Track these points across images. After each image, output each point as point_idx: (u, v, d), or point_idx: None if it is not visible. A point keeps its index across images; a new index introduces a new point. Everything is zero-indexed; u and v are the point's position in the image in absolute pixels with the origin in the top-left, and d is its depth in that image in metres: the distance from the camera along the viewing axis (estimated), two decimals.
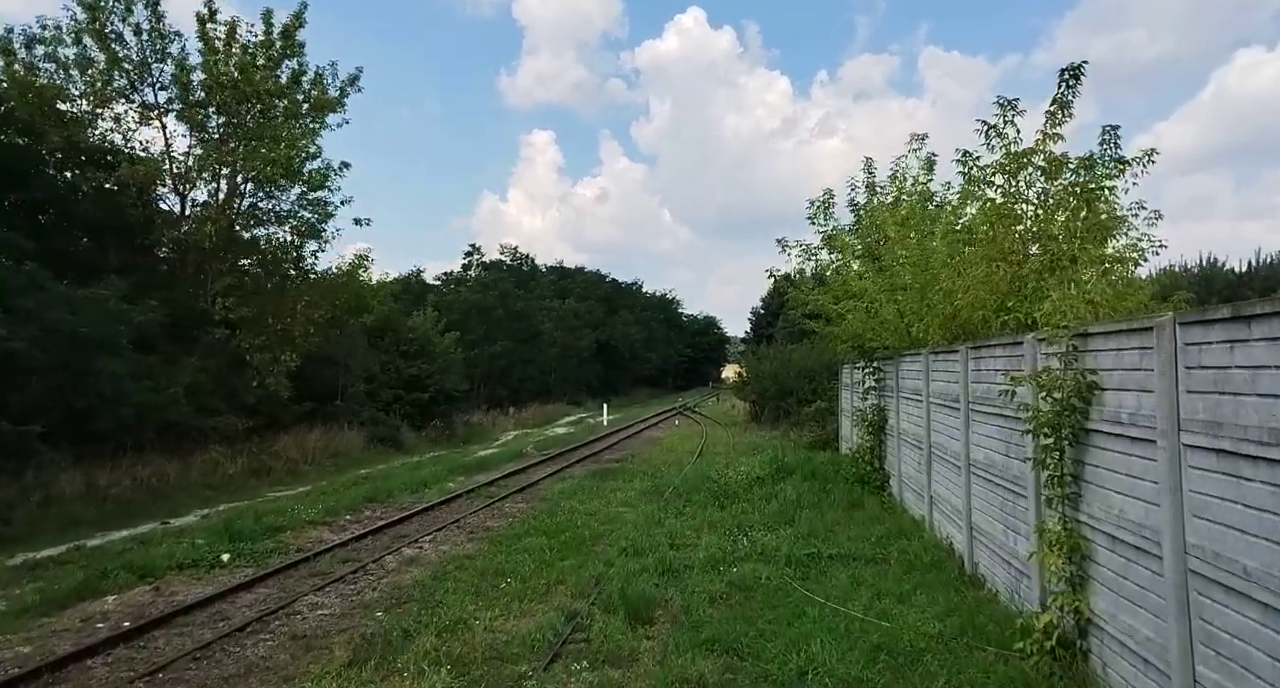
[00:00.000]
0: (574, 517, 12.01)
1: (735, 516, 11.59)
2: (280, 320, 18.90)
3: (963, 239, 8.95)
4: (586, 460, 21.37)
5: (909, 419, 11.08)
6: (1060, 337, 5.05)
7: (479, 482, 17.34)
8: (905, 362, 11.21)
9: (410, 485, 16.49)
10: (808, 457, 17.35)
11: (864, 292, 11.82)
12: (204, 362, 17.33)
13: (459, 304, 42.50)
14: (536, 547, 9.95)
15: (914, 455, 10.81)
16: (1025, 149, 7.19)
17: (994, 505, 7.01)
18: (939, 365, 9.12)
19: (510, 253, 64.98)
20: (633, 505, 13.01)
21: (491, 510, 13.32)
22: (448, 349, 32.97)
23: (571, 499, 14.03)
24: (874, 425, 13.35)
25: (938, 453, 9.33)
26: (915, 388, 10.47)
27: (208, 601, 7.82)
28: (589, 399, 52.80)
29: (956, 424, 8.25)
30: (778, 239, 16.68)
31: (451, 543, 10.67)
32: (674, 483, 15.23)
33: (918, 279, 10.67)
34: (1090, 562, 4.95)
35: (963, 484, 7.98)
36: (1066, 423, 5.02)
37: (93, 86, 17.40)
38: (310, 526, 11.85)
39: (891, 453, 12.54)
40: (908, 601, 7.01)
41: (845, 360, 18.18)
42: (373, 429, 25.44)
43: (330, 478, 18.62)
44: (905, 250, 11.19)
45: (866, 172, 15.83)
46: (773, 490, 12.97)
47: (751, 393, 32.18)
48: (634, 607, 7.19)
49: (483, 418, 38.26)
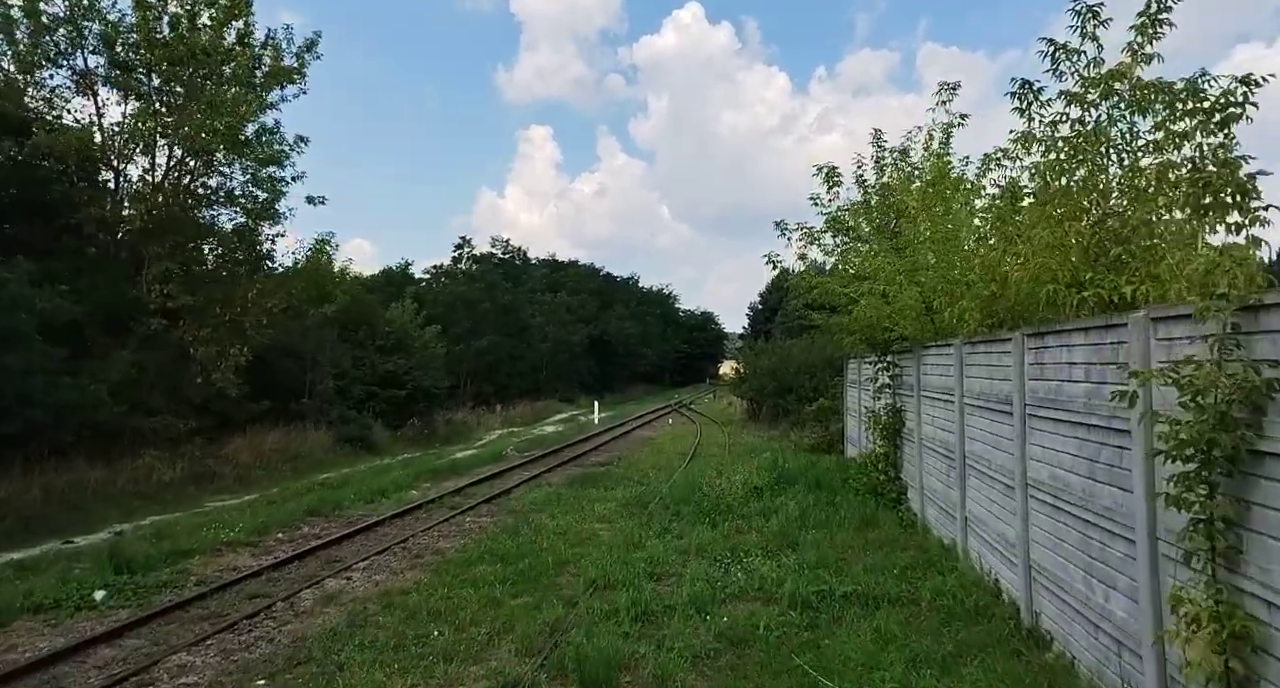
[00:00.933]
0: (541, 536, 10.29)
1: (728, 536, 9.87)
2: (229, 310, 17.10)
3: (1008, 199, 7.21)
4: (569, 464, 19.63)
5: (933, 423, 9.35)
6: (1217, 312, 3.31)
7: (446, 489, 15.61)
8: (929, 355, 9.48)
9: (367, 493, 14.74)
10: (810, 461, 15.64)
11: (878, 272, 10.07)
12: (139, 356, 15.55)
13: (444, 296, 40.70)
14: (488, 578, 8.23)
15: (940, 466, 9.09)
16: (1110, 71, 5.45)
17: (1068, 543, 5.29)
18: (978, 358, 7.39)
19: (502, 245, 63.11)
20: (611, 522, 11.28)
21: (449, 526, 11.58)
22: (428, 343, 31.19)
23: (543, 512, 12.31)
24: (888, 429, 11.63)
25: (975, 466, 7.61)
26: (943, 386, 8.74)
27: (46, 661, 6.06)
28: (582, 396, 50.97)
29: (1006, 432, 6.53)
30: (776, 222, 14.92)
31: (389, 571, 8.93)
32: (661, 492, 13.53)
33: (944, 258, 8.94)
34: (1267, 658, 3.22)
35: (1016, 509, 6.26)
36: (1222, 442, 3.29)
37: (15, 50, 15.57)
38: (229, 547, 10.09)
39: (910, 461, 10.83)
40: (953, 670, 5.27)
41: (853, 354, 16.46)
42: (342, 429, 23.66)
43: (284, 484, 16.86)
44: (930, 222, 9.46)
45: (875, 145, 14.07)
46: (772, 504, 11.25)
47: (749, 390, 30.50)
48: (592, 676, 5.47)
49: (467, 416, 36.47)
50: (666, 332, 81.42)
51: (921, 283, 9.29)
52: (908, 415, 10.94)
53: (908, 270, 9.53)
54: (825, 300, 14.77)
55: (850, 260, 12.18)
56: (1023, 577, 6.12)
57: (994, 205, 7.68)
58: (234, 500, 15.03)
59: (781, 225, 14.89)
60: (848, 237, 14.39)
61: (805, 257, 14.62)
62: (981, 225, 8.62)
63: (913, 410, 10.58)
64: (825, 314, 16.55)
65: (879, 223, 11.90)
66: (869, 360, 14.03)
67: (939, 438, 9.08)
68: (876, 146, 14.01)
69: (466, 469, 18.97)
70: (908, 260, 9.54)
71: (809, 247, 14.53)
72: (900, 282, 9.39)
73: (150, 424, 15.45)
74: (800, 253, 14.52)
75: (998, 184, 8.10)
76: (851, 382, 17.19)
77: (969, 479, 7.91)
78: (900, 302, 9.65)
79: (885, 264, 9.80)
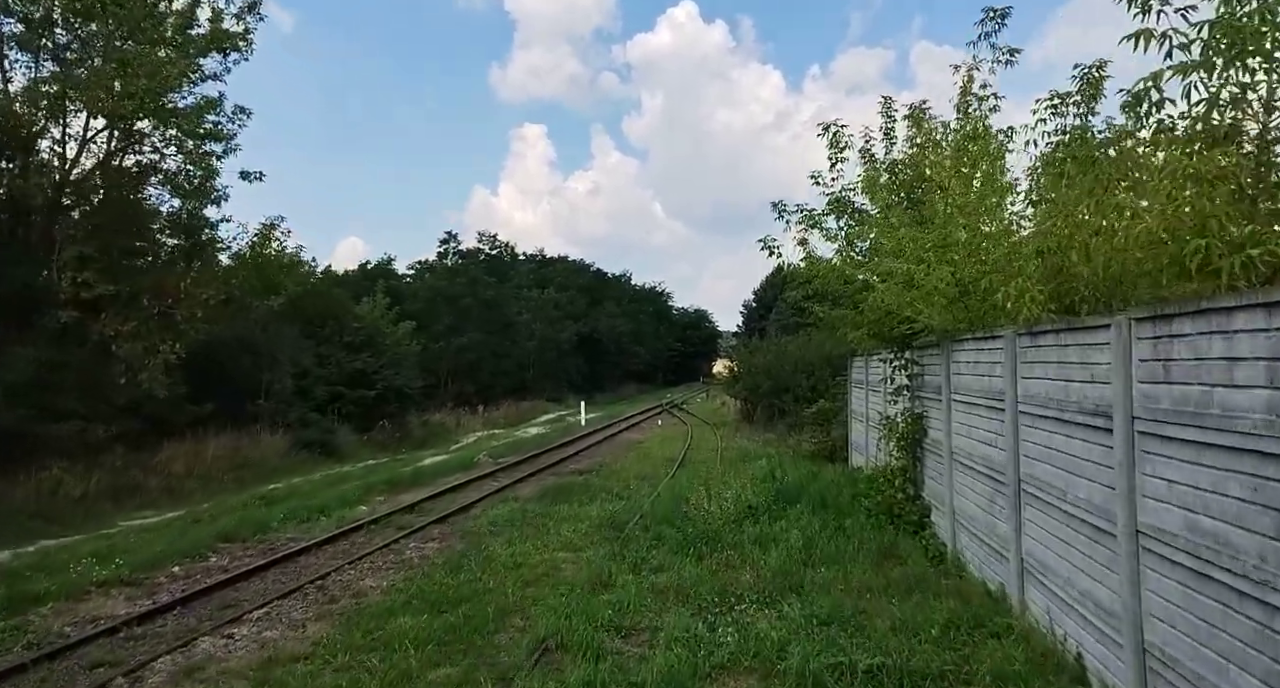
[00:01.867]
0: (489, 571, 8.46)
1: (717, 572, 8.05)
2: (160, 302, 15.19)
3: (1079, 145, 5.41)
4: (545, 472, 17.80)
5: (970, 433, 7.56)
6: None
7: (401, 503, 13.77)
8: (963, 350, 7.68)
9: (306, 511, 12.87)
10: (812, 472, 13.83)
11: (901, 249, 8.25)
12: (47, 352, 13.64)
13: (423, 292, 38.78)
14: (407, 635, 6.38)
15: (979, 488, 7.30)
16: None
17: (1228, 632, 3.48)
18: (1045, 353, 5.59)
19: (489, 241, 61.25)
20: (578, 550, 9.46)
21: (385, 556, 9.72)
22: (401, 340, 29.28)
23: (501, 536, 10.49)
24: (907, 438, 9.82)
25: (1039, 494, 5.80)
26: (986, 388, 6.94)
27: None
28: (571, 395, 49.07)
29: (1097, 455, 4.73)
30: (774, 203, 13.12)
31: (286, 624, 7.07)
32: (643, 507, 11.75)
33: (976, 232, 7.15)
34: None
35: (1117, 564, 4.46)
36: None
37: None
38: (101, 588, 8.18)
39: (935, 477, 9.04)
40: None
41: (859, 351, 14.66)
42: (302, 433, 21.80)
43: (220, 498, 14.98)
44: (960, 186, 7.66)
45: (884, 114, 12.24)
46: (770, 529, 9.43)
47: (743, 390, 28.71)
48: None
49: (446, 418, 34.65)
50: (659, 329, 79.74)
51: (954, 262, 7.48)
52: (932, 423, 9.15)
53: (937, 245, 7.71)
54: (830, 289, 13.05)
55: (864, 236, 10.36)
56: (1133, 664, 4.31)
57: (1061, 154, 5.86)
58: (154, 519, 13.15)
59: (780, 207, 13.14)
60: (854, 220, 12.63)
61: (805, 242, 12.87)
62: (1039, 186, 6.80)
63: (939, 417, 8.79)
64: (827, 307, 14.87)
65: (898, 194, 10.08)
66: (881, 357, 12.24)
67: (978, 453, 7.29)
68: (885, 116, 12.21)
69: (430, 479, 17.12)
70: (937, 233, 7.72)
71: (809, 231, 12.79)
72: (931, 258, 7.57)
73: (59, 430, 13.54)
74: (800, 238, 12.78)
75: (1062, 130, 6.30)
76: (857, 382, 15.39)
77: (1027, 510, 6.10)
78: (928, 284, 7.83)
79: (909, 240, 7.97)
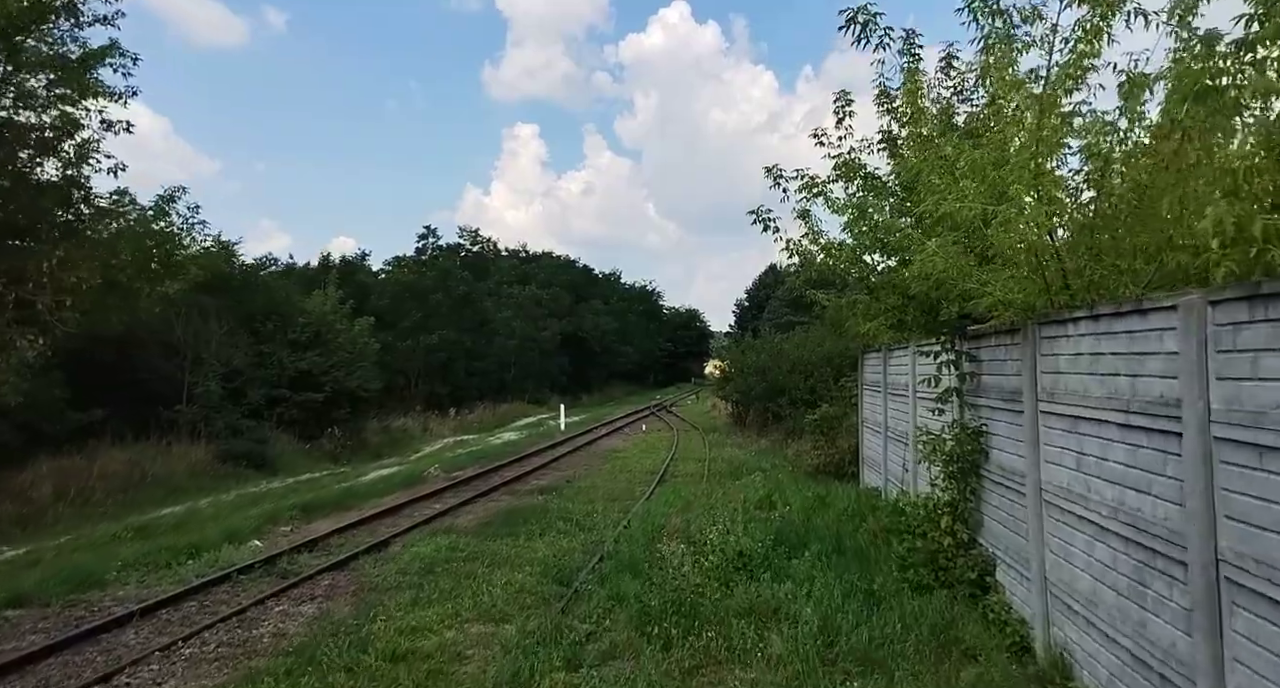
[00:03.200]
0: (359, 666, 5.69)
1: (692, 674, 5.31)
2: (17, 287, 12.35)
3: None
4: (500, 491, 15.03)
5: (1080, 463, 4.84)
6: None
7: (309, 534, 11.00)
8: (1070, 336, 4.95)
9: (169, 552, 9.98)
10: (819, 496, 11.11)
11: (965, 174, 5.51)
12: None
13: (390, 287, 35.92)
14: None
15: (1105, 554, 4.58)
16: None
17: None
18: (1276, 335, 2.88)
19: (470, 236, 58.39)
20: (500, 621, 6.70)
21: (227, 631, 6.91)
22: (357, 338, 26.42)
23: (407, 592, 7.76)
24: (958, 461, 7.08)
25: (1254, 587, 3.08)
26: (1133, 394, 4.22)
27: None
28: (555, 397, 46.21)
29: None
30: (767, 168, 10.49)
31: None
32: (606, 545, 9.09)
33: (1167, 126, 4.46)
34: None
35: None
36: None
37: None
38: None
39: (1006, 521, 6.31)
40: None
41: (875, 346, 11.97)
42: (229, 443, 18.91)
43: (88, 529, 12.11)
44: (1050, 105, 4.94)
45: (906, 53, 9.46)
46: (770, 594, 6.66)
47: (734, 391, 26.02)
48: None
49: (412, 422, 31.74)
50: (650, 329, 76.86)
51: (1059, 196, 4.74)
52: (999, 442, 6.43)
53: (1026, 177, 4.97)
54: (838, 271, 10.48)
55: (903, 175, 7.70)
56: None
57: None
58: None
59: (774, 172, 10.47)
60: (867, 186, 10.01)
61: (807, 214, 10.25)
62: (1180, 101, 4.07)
63: (1011, 434, 6.08)
64: (834, 295, 12.36)
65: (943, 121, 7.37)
66: (910, 352, 9.60)
67: (1104, 498, 4.57)
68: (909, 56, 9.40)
69: (360, 500, 14.31)
70: (1027, 153, 4.98)
71: (811, 201, 10.18)
72: (1019, 192, 4.83)
73: None
74: (801, 210, 10.19)
75: None
76: (871, 384, 12.69)
77: (1240, 612, 3.38)
78: (1008, 238, 5.10)
79: (986, 164, 5.20)
